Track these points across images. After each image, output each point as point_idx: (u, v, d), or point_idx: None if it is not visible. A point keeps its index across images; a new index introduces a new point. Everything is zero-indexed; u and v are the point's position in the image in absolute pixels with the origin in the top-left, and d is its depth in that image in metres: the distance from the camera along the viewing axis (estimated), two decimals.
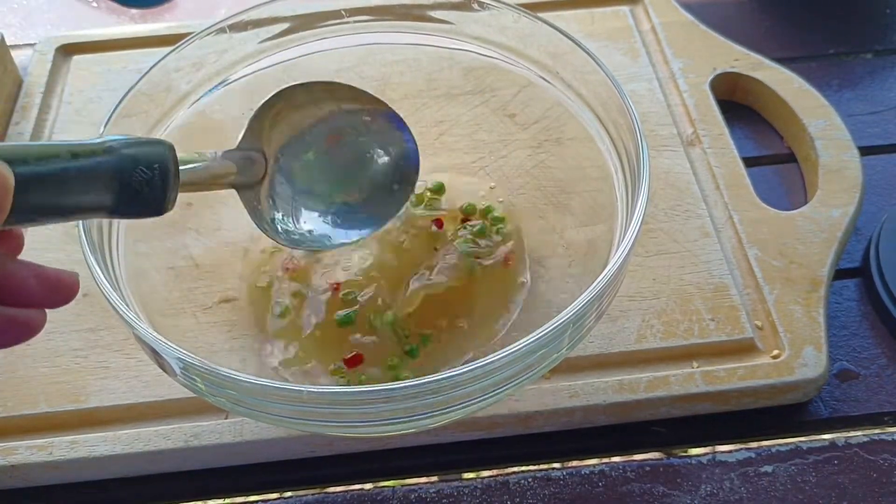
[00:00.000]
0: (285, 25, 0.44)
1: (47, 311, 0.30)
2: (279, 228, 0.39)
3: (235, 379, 0.30)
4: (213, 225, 0.44)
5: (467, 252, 0.42)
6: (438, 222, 0.43)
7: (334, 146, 0.41)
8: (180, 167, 0.31)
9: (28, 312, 0.29)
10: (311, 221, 0.40)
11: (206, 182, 0.35)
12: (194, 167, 0.34)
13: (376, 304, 0.40)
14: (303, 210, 0.40)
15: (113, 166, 0.29)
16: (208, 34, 0.41)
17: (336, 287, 0.41)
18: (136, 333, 0.32)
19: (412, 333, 0.40)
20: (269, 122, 0.38)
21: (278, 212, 0.39)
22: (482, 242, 0.42)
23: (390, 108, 0.40)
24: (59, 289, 0.30)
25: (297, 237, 0.40)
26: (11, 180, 0.25)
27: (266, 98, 0.38)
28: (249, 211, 0.38)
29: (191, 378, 0.32)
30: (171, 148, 0.31)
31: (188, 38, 0.41)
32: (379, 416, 0.31)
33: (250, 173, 0.38)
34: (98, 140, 0.29)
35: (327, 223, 0.41)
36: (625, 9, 0.58)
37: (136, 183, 0.29)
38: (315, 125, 0.40)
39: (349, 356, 0.39)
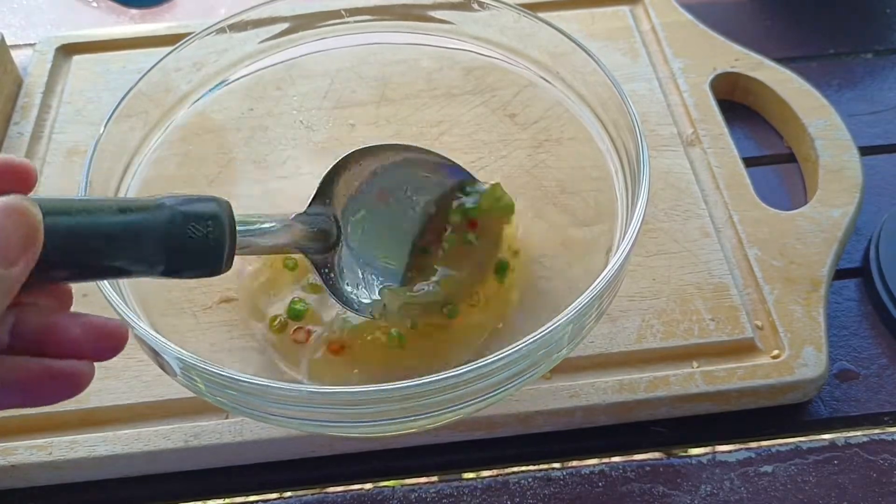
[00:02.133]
0: (285, 25, 0.44)
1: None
2: (356, 299, 0.38)
3: (235, 379, 0.30)
4: None
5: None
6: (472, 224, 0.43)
7: (415, 213, 0.40)
8: (241, 228, 0.30)
9: (74, 364, 0.27)
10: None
11: (270, 246, 0.34)
12: (257, 228, 0.33)
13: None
14: (376, 280, 0.39)
15: (163, 222, 0.27)
16: (208, 34, 0.41)
17: None
18: (136, 333, 0.32)
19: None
20: (342, 187, 0.37)
21: (352, 283, 0.38)
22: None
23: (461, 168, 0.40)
24: (106, 337, 0.28)
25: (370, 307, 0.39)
26: (38, 216, 0.24)
27: (337, 160, 0.38)
28: (323, 280, 0.37)
29: (191, 378, 0.32)
30: (228, 205, 0.30)
31: (188, 38, 0.41)
32: (379, 416, 0.31)
33: (322, 240, 0.37)
34: (150, 198, 0.28)
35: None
36: (625, 9, 0.58)
37: (189, 240, 0.28)
38: (393, 191, 0.39)
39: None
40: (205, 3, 0.66)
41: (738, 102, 0.55)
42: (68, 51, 0.57)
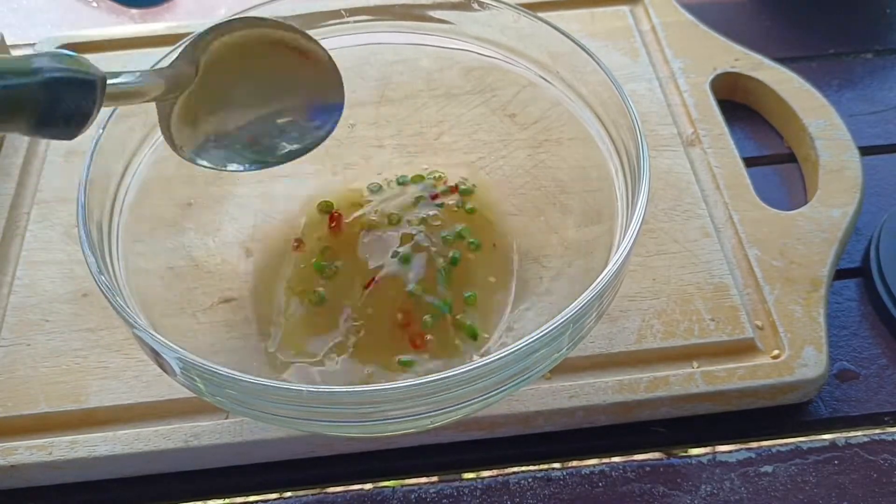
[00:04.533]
0: None
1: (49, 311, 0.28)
2: (181, 139, 0.38)
3: (235, 379, 0.30)
4: (213, 225, 0.44)
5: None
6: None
7: (262, 78, 0.40)
8: (109, 93, 0.31)
9: None
10: (216, 141, 0.39)
11: (130, 98, 0.34)
12: (119, 84, 0.33)
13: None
14: (213, 128, 0.39)
15: (37, 89, 0.27)
16: None
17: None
18: (135, 333, 0.32)
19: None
20: (209, 42, 0.38)
21: (190, 123, 0.38)
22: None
23: (329, 55, 0.39)
24: None
25: (197, 152, 0.38)
26: None
27: (213, 23, 0.38)
28: (160, 117, 0.37)
29: (191, 378, 0.32)
30: (103, 79, 0.30)
31: (188, 38, 0.41)
32: (379, 416, 0.31)
33: (177, 87, 0.37)
34: (26, 59, 0.28)
35: (234, 147, 0.39)
36: (625, 9, 0.58)
37: (59, 110, 0.28)
38: (250, 55, 0.39)
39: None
40: (205, 3, 0.66)
41: (739, 102, 0.55)
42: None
